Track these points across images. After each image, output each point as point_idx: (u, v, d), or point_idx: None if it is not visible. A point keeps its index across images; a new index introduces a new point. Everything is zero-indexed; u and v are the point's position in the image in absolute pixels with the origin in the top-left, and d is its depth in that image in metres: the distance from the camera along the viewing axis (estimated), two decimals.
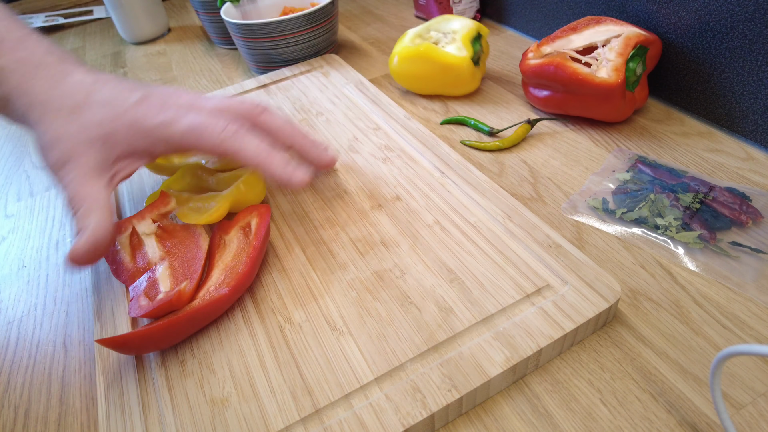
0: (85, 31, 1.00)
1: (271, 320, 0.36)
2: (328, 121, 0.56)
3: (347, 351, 0.33)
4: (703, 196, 0.41)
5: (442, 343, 0.33)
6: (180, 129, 0.37)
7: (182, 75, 0.77)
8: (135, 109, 0.37)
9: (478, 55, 0.58)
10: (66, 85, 0.37)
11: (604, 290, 0.34)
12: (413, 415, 0.29)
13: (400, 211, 0.43)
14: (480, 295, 0.35)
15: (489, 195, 0.42)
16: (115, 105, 0.37)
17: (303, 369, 0.33)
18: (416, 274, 0.37)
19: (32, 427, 0.34)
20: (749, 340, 0.33)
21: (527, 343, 0.32)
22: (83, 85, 0.38)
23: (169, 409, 0.32)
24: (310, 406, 0.30)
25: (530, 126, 0.52)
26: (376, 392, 0.31)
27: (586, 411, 0.30)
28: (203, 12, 0.78)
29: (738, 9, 0.44)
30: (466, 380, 0.30)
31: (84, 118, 0.36)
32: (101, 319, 0.38)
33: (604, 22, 0.51)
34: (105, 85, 0.38)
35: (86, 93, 0.37)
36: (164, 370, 0.34)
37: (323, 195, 0.46)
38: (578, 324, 0.32)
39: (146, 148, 0.38)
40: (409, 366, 0.32)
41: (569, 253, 0.36)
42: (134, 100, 0.38)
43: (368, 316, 0.35)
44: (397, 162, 0.48)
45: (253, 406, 0.31)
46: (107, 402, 0.33)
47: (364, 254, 0.40)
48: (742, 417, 0.29)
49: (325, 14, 0.67)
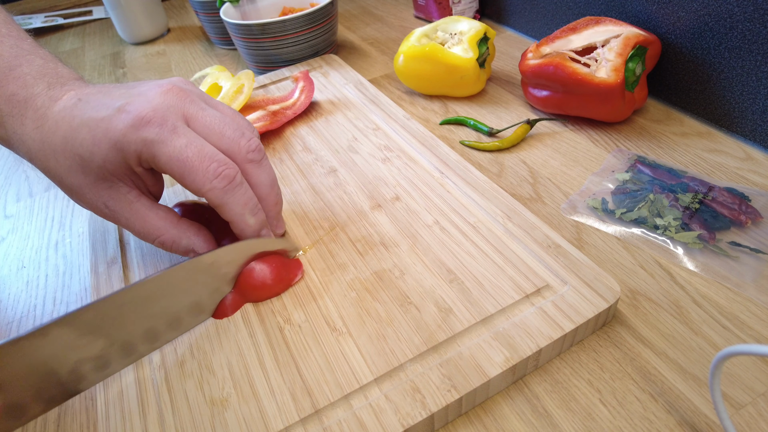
0: (85, 32, 1.00)
1: (270, 321, 0.36)
2: (327, 121, 0.56)
3: (347, 351, 0.33)
4: (703, 196, 0.41)
5: (442, 343, 0.33)
6: (166, 155, 0.32)
7: (182, 75, 0.77)
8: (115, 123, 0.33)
9: (483, 57, 0.58)
10: (51, 119, 0.34)
11: (604, 290, 0.34)
12: (413, 416, 0.29)
13: (400, 212, 0.43)
14: (479, 295, 0.35)
15: (488, 195, 0.42)
16: (96, 126, 0.33)
17: (302, 369, 0.33)
18: (416, 275, 0.37)
19: (31, 427, 0.34)
20: (749, 340, 0.33)
21: (527, 343, 0.32)
22: (66, 112, 0.34)
23: (168, 409, 0.32)
24: (309, 406, 0.30)
25: (530, 126, 0.52)
26: (375, 393, 0.31)
27: (586, 411, 0.30)
28: (202, 12, 0.78)
29: (737, 9, 0.44)
30: (466, 380, 0.30)
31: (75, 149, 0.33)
32: None
33: (604, 23, 0.51)
34: (87, 103, 0.34)
35: (69, 120, 0.34)
36: (163, 371, 0.34)
37: (322, 195, 0.46)
38: (578, 324, 0.32)
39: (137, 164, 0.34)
40: (408, 366, 0.32)
41: (569, 254, 0.36)
42: (115, 109, 0.33)
43: (368, 316, 0.35)
44: (397, 162, 0.48)
45: (253, 406, 0.31)
46: (106, 403, 0.33)
47: (364, 254, 0.40)
48: (741, 417, 0.29)
49: (325, 14, 0.67)
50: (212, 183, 0.33)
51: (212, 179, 0.33)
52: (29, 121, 0.34)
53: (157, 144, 0.32)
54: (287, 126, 0.57)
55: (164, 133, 0.32)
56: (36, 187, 0.58)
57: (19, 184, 0.59)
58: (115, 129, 0.32)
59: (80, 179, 0.34)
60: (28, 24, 1.00)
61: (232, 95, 0.56)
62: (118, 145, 0.33)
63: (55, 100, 0.35)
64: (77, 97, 0.35)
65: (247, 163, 0.36)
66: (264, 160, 0.37)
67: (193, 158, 0.33)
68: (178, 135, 0.33)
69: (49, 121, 0.34)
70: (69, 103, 0.34)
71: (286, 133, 0.56)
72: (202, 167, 0.33)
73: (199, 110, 0.35)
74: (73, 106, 0.34)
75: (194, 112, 0.35)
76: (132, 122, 0.32)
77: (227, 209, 0.34)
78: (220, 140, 0.35)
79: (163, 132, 0.32)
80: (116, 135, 0.32)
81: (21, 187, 0.58)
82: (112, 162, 0.33)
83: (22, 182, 0.59)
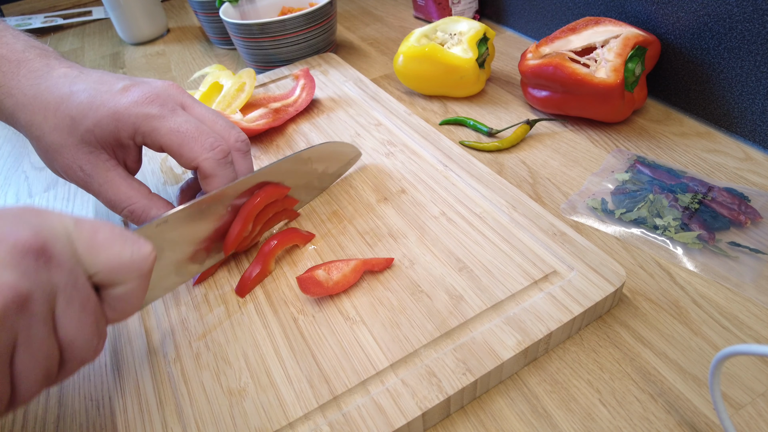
0: (84, 32, 1.00)
1: (284, 311, 0.36)
2: (329, 118, 0.56)
3: (361, 339, 0.34)
4: (702, 196, 0.41)
5: (455, 329, 0.33)
6: (166, 127, 0.35)
7: (181, 75, 0.77)
8: (118, 97, 0.35)
9: (483, 58, 0.58)
10: (50, 80, 0.36)
11: (610, 275, 0.35)
12: (430, 399, 0.30)
13: (406, 204, 0.43)
14: (489, 282, 0.36)
15: (493, 186, 0.43)
16: (97, 94, 0.35)
17: (318, 358, 0.33)
18: (425, 264, 0.38)
19: (31, 427, 0.34)
20: (748, 340, 0.33)
21: (537, 327, 0.32)
22: (67, 78, 0.36)
23: (186, 401, 0.32)
24: (327, 393, 0.31)
25: (529, 126, 0.52)
26: (392, 378, 0.31)
27: (586, 411, 0.30)
28: (202, 12, 0.78)
29: (736, 10, 0.44)
30: (480, 364, 0.31)
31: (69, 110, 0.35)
32: None
33: (603, 23, 0.51)
34: (89, 76, 0.37)
35: (70, 84, 0.36)
36: (179, 364, 0.34)
37: (328, 190, 0.47)
38: (586, 308, 0.33)
39: (129, 136, 0.36)
40: (423, 352, 0.32)
41: (574, 240, 0.37)
42: (119, 88, 0.36)
43: (380, 305, 0.36)
44: (400, 156, 0.49)
45: (271, 395, 0.32)
46: (123, 396, 0.33)
47: (373, 246, 0.40)
48: (741, 417, 0.29)
49: (324, 14, 0.67)
50: (208, 153, 0.36)
51: (209, 150, 0.36)
52: (24, 77, 0.36)
53: (158, 118, 0.35)
54: (289, 123, 0.57)
55: (165, 111, 0.36)
56: (35, 188, 0.58)
57: (19, 185, 0.59)
58: (117, 102, 0.35)
59: (63, 138, 0.36)
60: (28, 24, 1.00)
61: (234, 93, 0.56)
62: (116, 115, 0.35)
63: (53, 68, 0.37)
64: (79, 70, 0.37)
65: (235, 151, 0.38)
66: (248, 153, 0.40)
67: (192, 131, 0.36)
68: (178, 114, 0.36)
69: (49, 81, 0.36)
70: (71, 73, 0.37)
71: (288, 130, 0.56)
72: (200, 139, 0.36)
73: (194, 103, 0.39)
74: (76, 76, 0.37)
75: (191, 103, 0.38)
76: (136, 99, 0.35)
77: (215, 180, 0.37)
78: (213, 128, 0.38)
79: (164, 110, 0.36)
80: (117, 106, 0.35)
81: (20, 187, 0.58)
82: (103, 129, 0.35)
83: (21, 183, 0.59)
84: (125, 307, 0.27)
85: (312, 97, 0.58)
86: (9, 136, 0.69)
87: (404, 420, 0.29)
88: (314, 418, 0.30)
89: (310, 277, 0.36)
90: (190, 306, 0.38)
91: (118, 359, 0.35)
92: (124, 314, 0.28)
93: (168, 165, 0.53)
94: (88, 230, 0.25)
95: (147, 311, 0.38)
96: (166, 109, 0.36)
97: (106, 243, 0.26)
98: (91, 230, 0.25)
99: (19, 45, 0.38)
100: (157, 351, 0.35)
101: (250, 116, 0.55)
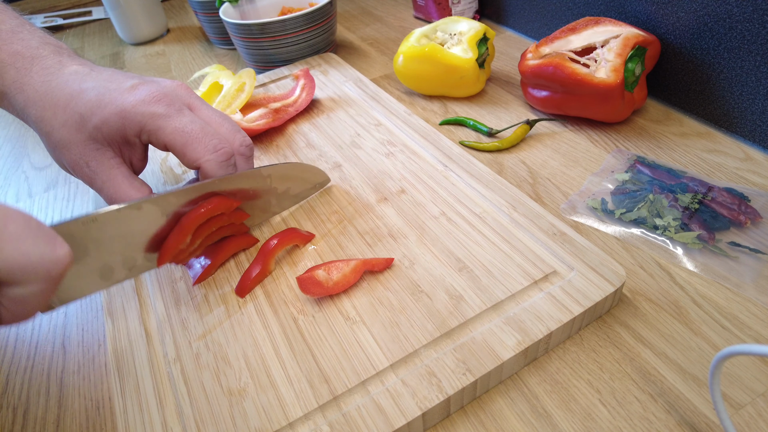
0: (84, 32, 1.00)
1: (284, 312, 0.37)
2: (329, 118, 0.56)
3: (361, 339, 0.34)
4: (702, 196, 0.41)
5: (455, 329, 0.33)
6: (171, 126, 0.36)
7: (181, 76, 0.77)
8: (126, 96, 0.36)
9: (483, 58, 0.58)
10: (61, 77, 0.37)
11: (610, 275, 0.35)
12: (430, 399, 0.30)
13: (406, 204, 0.43)
14: (489, 282, 0.36)
15: (492, 186, 0.43)
16: (106, 92, 0.36)
17: (318, 358, 0.33)
18: (425, 264, 0.38)
19: (31, 428, 0.34)
20: (748, 340, 0.33)
21: (537, 327, 0.32)
22: (78, 76, 0.37)
23: (186, 401, 0.32)
24: (327, 393, 0.31)
25: (529, 126, 0.52)
26: (392, 378, 0.31)
27: (585, 411, 0.30)
28: (202, 12, 0.78)
29: (736, 10, 0.44)
30: (480, 364, 0.31)
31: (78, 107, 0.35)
32: (112, 317, 0.38)
33: (603, 23, 0.51)
34: (100, 74, 0.37)
35: (80, 81, 0.37)
36: (179, 364, 0.34)
37: (328, 190, 0.47)
38: (586, 308, 0.33)
39: (135, 134, 0.36)
40: (423, 352, 0.32)
41: (574, 240, 0.37)
42: (127, 86, 0.36)
43: (380, 305, 0.36)
44: (400, 156, 0.49)
45: (271, 395, 0.32)
46: (123, 396, 0.33)
47: (373, 246, 0.40)
48: (741, 417, 0.29)
49: (324, 14, 0.67)
50: (211, 155, 0.36)
51: (212, 152, 0.36)
52: (36, 74, 0.37)
53: (164, 118, 0.36)
54: (289, 123, 0.57)
55: (171, 110, 0.36)
56: (35, 188, 0.58)
57: (19, 185, 0.59)
58: (125, 100, 0.35)
59: (72, 135, 0.36)
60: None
61: (234, 93, 0.56)
62: (123, 113, 0.35)
63: (65, 65, 0.37)
64: (90, 68, 0.38)
65: (238, 155, 0.39)
66: (251, 158, 0.40)
67: (197, 131, 0.36)
68: (184, 114, 0.37)
69: (60, 78, 0.37)
70: (82, 70, 0.37)
71: (288, 130, 0.56)
72: (204, 140, 0.36)
73: (202, 105, 0.39)
74: (86, 73, 0.37)
75: (198, 104, 0.39)
76: (143, 98, 0.36)
77: None
78: (218, 130, 0.38)
79: (171, 110, 0.36)
80: (125, 104, 0.35)
81: (20, 187, 0.58)
82: (110, 126, 0.35)
83: (21, 183, 0.59)
84: (20, 310, 0.24)
85: (312, 97, 0.58)
86: (9, 136, 0.69)
87: (404, 420, 0.29)
88: (314, 418, 0.30)
89: (310, 277, 0.36)
90: (190, 306, 0.38)
91: (118, 359, 0.35)
92: (17, 318, 0.25)
93: (168, 165, 0.53)
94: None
95: (147, 311, 0.38)
96: (173, 108, 0.36)
97: (15, 236, 0.22)
98: (1, 218, 0.22)
99: (35, 41, 0.38)
100: (157, 351, 0.35)
101: (250, 116, 0.55)
